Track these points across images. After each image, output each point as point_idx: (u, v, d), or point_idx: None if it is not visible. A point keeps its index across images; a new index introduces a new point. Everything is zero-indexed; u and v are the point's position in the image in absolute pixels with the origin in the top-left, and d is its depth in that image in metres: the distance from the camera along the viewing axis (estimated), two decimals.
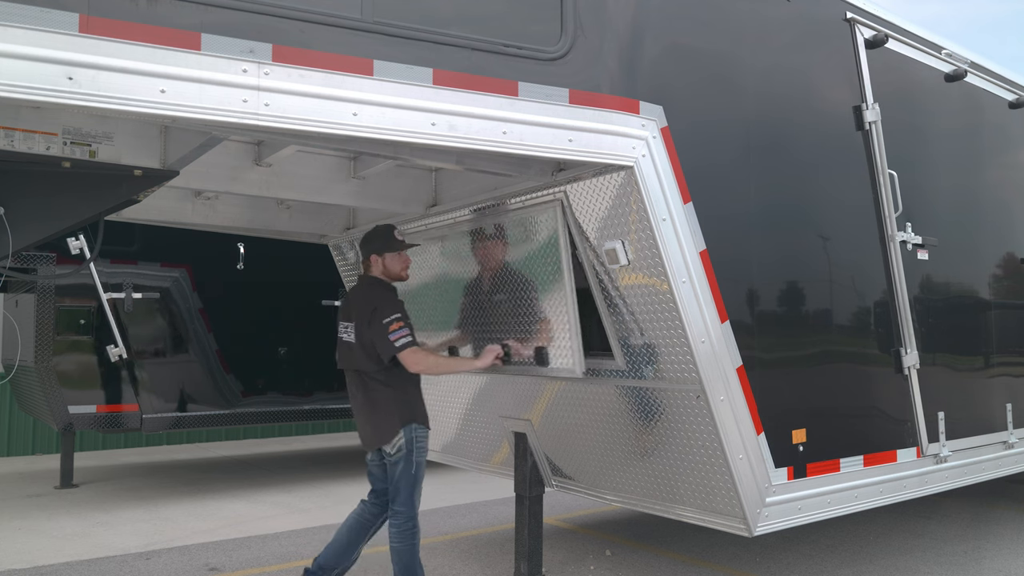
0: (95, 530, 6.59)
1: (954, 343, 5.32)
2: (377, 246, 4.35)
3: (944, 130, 5.40)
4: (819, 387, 4.37)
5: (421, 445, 4.21)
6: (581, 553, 5.77)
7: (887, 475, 4.60)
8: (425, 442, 4.24)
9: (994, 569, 5.36)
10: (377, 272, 4.36)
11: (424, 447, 4.23)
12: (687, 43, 3.89)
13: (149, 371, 7.95)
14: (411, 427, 4.18)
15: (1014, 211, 6.00)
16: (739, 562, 5.57)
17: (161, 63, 2.58)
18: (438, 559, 5.65)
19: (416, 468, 4.18)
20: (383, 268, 4.35)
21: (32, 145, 3.25)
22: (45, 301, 7.54)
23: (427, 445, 4.26)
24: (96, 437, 11.17)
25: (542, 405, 4.70)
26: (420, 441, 4.21)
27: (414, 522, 4.19)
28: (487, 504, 7.56)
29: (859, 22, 4.68)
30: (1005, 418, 5.60)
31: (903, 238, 4.82)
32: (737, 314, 3.89)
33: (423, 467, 4.22)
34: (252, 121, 2.73)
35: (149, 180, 3.60)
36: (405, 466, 4.16)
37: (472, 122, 3.15)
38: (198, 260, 8.24)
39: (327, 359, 9.23)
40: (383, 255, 4.34)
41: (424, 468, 4.23)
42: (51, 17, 2.43)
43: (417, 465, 4.18)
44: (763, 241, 4.10)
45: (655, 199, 3.59)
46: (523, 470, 4.89)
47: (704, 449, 3.86)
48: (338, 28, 2.92)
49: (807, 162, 4.39)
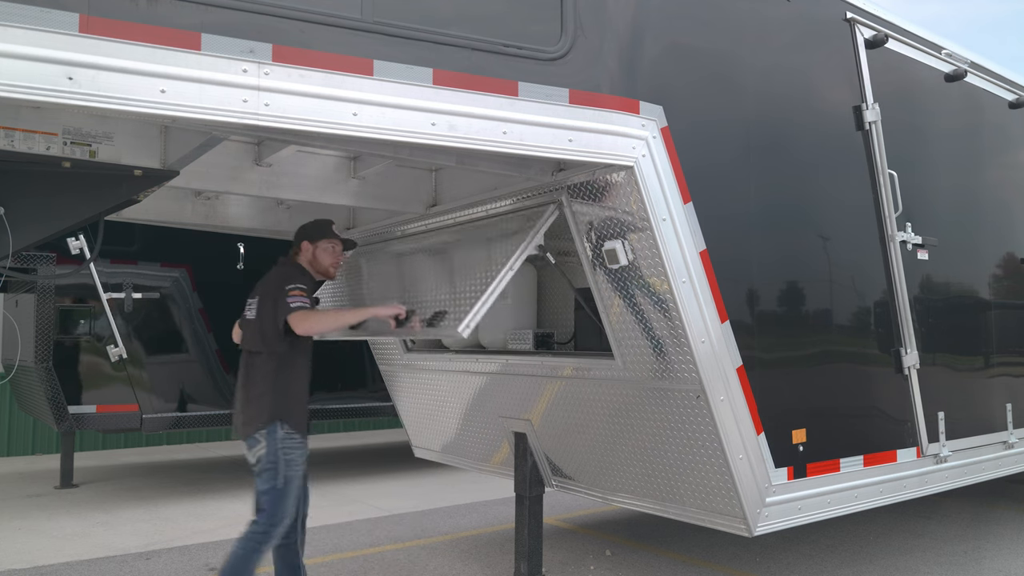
0: (95, 530, 6.59)
1: (954, 343, 5.32)
2: (312, 233, 4.15)
3: (944, 130, 5.40)
4: (819, 387, 4.37)
5: (290, 457, 3.77)
6: (581, 553, 5.77)
7: (887, 475, 4.60)
8: (296, 453, 3.79)
9: (994, 569, 5.36)
10: (304, 261, 4.11)
11: (295, 459, 3.79)
12: (687, 43, 3.89)
13: (149, 371, 7.95)
14: (276, 427, 3.76)
15: (1014, 211, 6.00)
16: (739, 562, 5.57)
17: (161, 63, 2.58)
18: (438, 559, 5.65)
19: (285, 479, 3.74)
20: (312, 257, 4.11)
21: (32, 145, 3.25)
22: (45, 301, 7.55)
23: (299, 457, 3.81)
24: (96, 437, 11.17)
25: (542, 405, 4.70)
26: (288, 452, 3.77)
27: (268, 536, 3.72)
28: (487, 504, 7.56)
29: (859, 22, 4.69)
30: (1005, 418, 5.60)
31: (903, 238, 4.82)
32: (737, 314, 3.89)
33: (294, 480, 3.78)
34: (252, 121, 2.73)
35: (149, 180, 3.60)
36: (270, 478, 3.74)
37: (472, 122, 3.15)
38: (198, 260, 8.24)
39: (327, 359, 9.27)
40: (316, 243, 4.12)
41: (296, 482, 3.79)
42: (51, 17, 2.43)
43: (286, 479, 3.75)
44: (763, 241, 4.10)
45: (655, 199, 3.59)
46: (523, 470, 4.89)
47: (704, 449, 3.86)
48: (338, 28, 2.92)
49: (807, 162, 4.39)
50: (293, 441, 3.80)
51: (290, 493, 3.77)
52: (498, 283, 3.74)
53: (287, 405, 3.84)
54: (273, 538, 3.75)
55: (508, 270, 3.78)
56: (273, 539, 3.75)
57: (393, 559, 5.62)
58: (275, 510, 3.73)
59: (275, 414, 3.80)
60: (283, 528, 3.77)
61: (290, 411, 3.84)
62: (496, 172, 3.78)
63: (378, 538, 6.27)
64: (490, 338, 5.06)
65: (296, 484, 3.80)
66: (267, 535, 3.72)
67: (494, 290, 3.74)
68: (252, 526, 3.75)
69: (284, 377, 3.87)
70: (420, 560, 5.63)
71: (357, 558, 5.64)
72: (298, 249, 4.18)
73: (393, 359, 5.97)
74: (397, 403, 6.30)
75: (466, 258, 4.22)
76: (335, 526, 6.61)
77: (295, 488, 3.80)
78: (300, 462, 3.83)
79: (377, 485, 8.60)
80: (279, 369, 3.86)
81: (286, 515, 3.77)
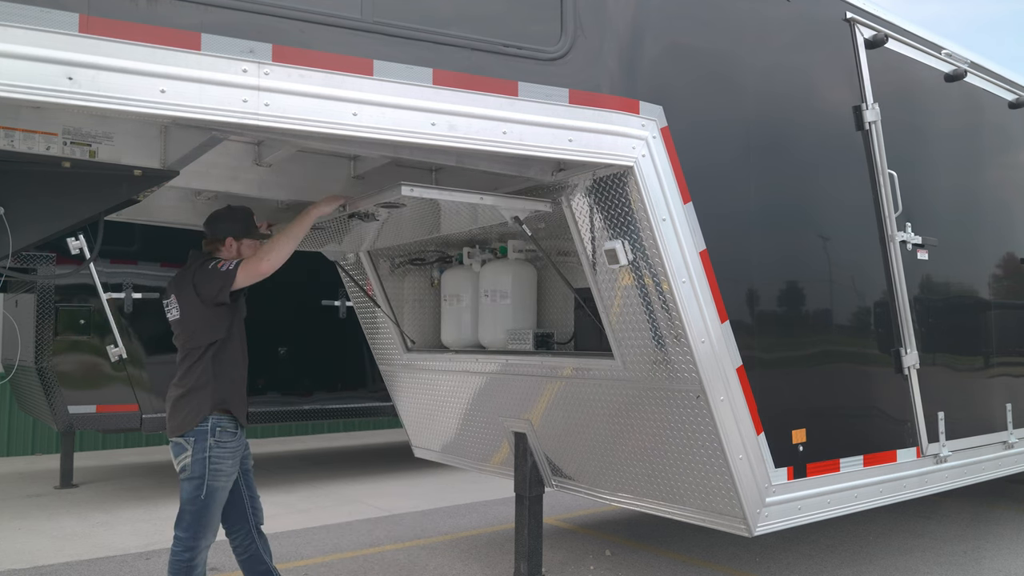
0: (95, 530, 6.59)
1: (954, 343, 5.32)
2: (235, 229, 3.85)
3: (944, 130, 5.40)
4: (819, 387, 4.37)
5: (217, 467, 3.57)
6: (581, 553, 5.77)
7: (887, 475, 4.60)
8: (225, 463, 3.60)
9: (994, 569, 5.36)
10: (227, 256, 3.81)
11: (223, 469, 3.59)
12: (687, 43, 3.90)
13: (149, 371, 7.94)
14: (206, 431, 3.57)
15: (1014, 211, 6.00)
16: (739, 562, 5.57)
17: (161, 63, 2.58)
18: (438, 559, 5.65)
19: (207, 489, 3.54)
20: (236, 254, 3.84)
21: (32, 145, 3.25)
22: (45, 301, 7.54)
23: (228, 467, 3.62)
24: (96, 437, 11.17)
25: (542, 405, 4.70)
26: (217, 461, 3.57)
27: (195, 551, 3.54)
28: (487, 504, 7.56)
29: (859, 22, 4.69)
30: (1005, 418, 5.60)
31: (903, 238, 4.82)
32: (737, 314, 3.89)
33: (219, 491, 3.59)
34: (252, 121, 2.73)
35: (149, 180, 3.59)
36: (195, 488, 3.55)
37: (472, 122, 3.15)
38: None
39: (327, 359, 9.28)
40: (240, 241, 3.87)
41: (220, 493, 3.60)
42: (51, 17, 2.43)
43: (209, 490, 3.54)
44: (763, 241, 4.10)
45: (655, 199, 3.59)
46: (523, 470, 4.89)
47: (704, 449, 3.86)
48: (338, 28, 2.92)
49: (807, 162, 4.39)
50: (223, 449, 3.60)
51: (211, 504, 3.58)
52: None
53: (227, 394, 3.66)
54: (200, 551, 3.57)
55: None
56: (200, 551, 3.58)
57: (393, 559, 5.62)
58: (197, 521, 3.57)
59: (215, 404, 3.61)
60: (209, 540, 3.60)
61: (229, 400, 3.66)
62: (496, 172, 3.78)
63: (378, 538, 6.27)
64: (490, 338, 5.06)
65: (220, 495, 3.61)
66: (194, 549, 3.56)
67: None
68: (175, 541, 3.58)
69: (221, 365, 3.68)
70: (420, 560, 5.63)
71: (357, 558, 5.64)
72: (218, 244, 3.87)
73: (393, 359, 5.97)
74: (397, 403, 6.30)
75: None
76: (335, 526, 6.61)
77: (219, 499, 3.62)
78: (229, 471, 3.64)
79: (377, 485, 8.59)
80: (215, 358, 3.67)
81: (209, 526, 3.60)
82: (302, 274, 8.38)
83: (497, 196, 3.93)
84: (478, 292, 5.12)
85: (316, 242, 5.22)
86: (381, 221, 4.49)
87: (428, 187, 3.73)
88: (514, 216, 4.01)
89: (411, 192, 3.62)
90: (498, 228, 4.70)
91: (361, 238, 5.13)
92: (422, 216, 4.43)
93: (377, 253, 5.61)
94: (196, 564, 3.57)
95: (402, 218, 4.45)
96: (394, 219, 4.48)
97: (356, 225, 4.66)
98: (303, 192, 4.67)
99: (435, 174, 4.89)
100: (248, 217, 3.96)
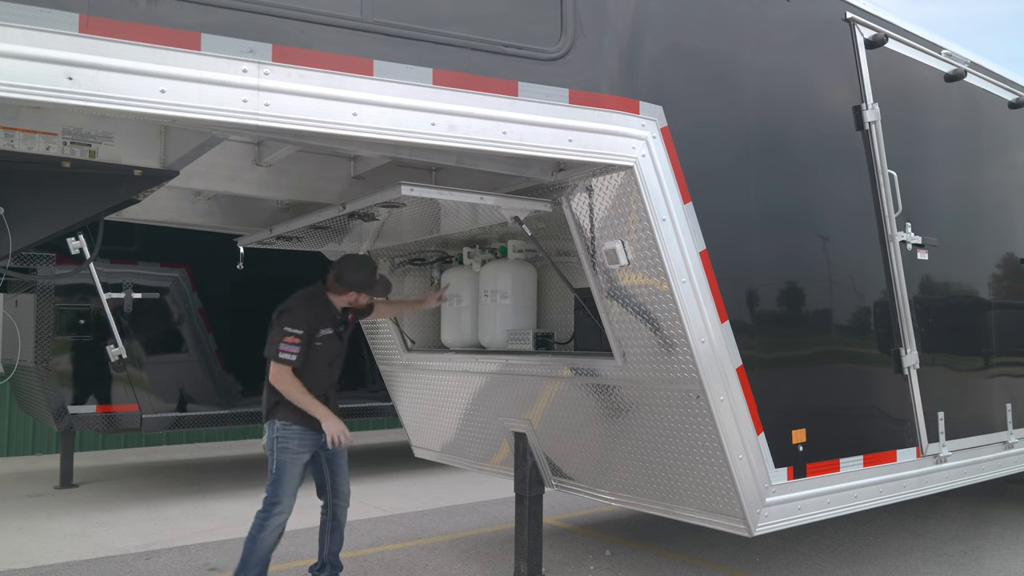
0: (95, 530, 6.59)
1: (954, 343, 5.32)
2: (358, 284, 4.38)
3: (944, 130, 5.40)
4: (819, 387, 4.37)
5: (284, 445, 4.24)
6: (581, 553, 5.77)
7: (887, 475, 4.60)
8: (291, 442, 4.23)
9: (994, 569, 5.36)
10: (339, 298, 4.41)
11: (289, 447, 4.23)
12: (687, 43, 3.89)
13: (149, 371, 7.95)
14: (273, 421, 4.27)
15: (1014, 211, 6.00)
16: (739, 562, 5.57)
17: (161, 63, 2.58)
18: (438, 559, 5.65)
19: (278, 464, 4.22)
20: (353, 300, 4.43)
21: (32, 145, 3.25)
22: (45, 301, 7.54)
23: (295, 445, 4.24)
24: (96, 437, 11.16)
25: (542, 405, 4.70)
26: (283, 441, 4.24)
27: (269, 513, 4.17)
28: (487, 504, 7.56)
29: (859, 22, 4.68)
30: (1005, 418, 5.60)
31: (903, 238, 4.82)
32: (737, 314, 3.89)
33: (289, 465, 4.23)
34: (252, 121, 2.73)
35: (149, 180, 3.60)
36: (269, 463, 4.28)
37: (472, 122, 3.15)
38: (198, 260, 8.23)
39: None
40: (360, 294, 4.43)
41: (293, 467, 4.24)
42: (51, 17, 2.43)
43: (279, 464, 4.21)
44: (763, 241, 4.10)
45: (655, 199, 3.59)
46: (523, 470, 4.89)
47: (704, 449, 3.86)
48: (338, 28, 2.92)
49: (807, 162, 4.39)
50: (288, 431, 4.23)
51: (282, 476, 4.20)
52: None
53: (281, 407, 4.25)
54: (272, 516, 4.16)
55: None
56: (273, 516, 4.16)
57: (393, 559, 5.62)
58: (271, 490, 4.20)
59: (271, 413, 4.29)
60: (283, 507, 4.19)
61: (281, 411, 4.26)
62: (496, 172, 3.78)
63: (378, 538, 6.27)
64: (490, 338, 5.06)
65: (289, 469, 4.22)
66: (267, 512, 4.17)
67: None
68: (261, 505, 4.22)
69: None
70: (420, 560, 5.63)
71: (357, 558, 5.64)
72: (340, 288, 4.39)
73: (393, 359, 5.97)
74: (397, 403, 6.30)
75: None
76: None
77: (288, 472, 4.22)
78: (295, 449, 4.24)
79: (377, 485, 8.59)
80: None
81: (280, 494, 4.19)
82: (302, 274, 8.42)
83: (497, 196, 3.93)
84: (478, 292, 5.12)
85: (316, 242, 5.22)
86: (381, 221, 4.50)
87: (428, 187, 3.74)
88: (514, 216, 4.01)
89: (411, 192, 3.64)
90: (498, 228, 4.70)
91: (361, 238, 5.14)
92: (422, 216, 4.44)
93: (377, 253, 5.61)
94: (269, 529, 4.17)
95: (402, 218, 4.46)
96: (394, 219, 4.49)
97: (356, 225, 4.66)
98: (303, 192, 4.68)
99: (435, 174, 4.89)
100: (370, 275, 4.44)
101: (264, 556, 4.18)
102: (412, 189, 3.63)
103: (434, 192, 3.76)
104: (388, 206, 3.98)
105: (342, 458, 4.57)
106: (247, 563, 4.16)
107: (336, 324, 4.42)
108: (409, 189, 3.62)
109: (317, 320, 4.30)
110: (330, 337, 4.36)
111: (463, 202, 3.88)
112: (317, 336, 4.28)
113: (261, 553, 4.17)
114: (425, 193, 3.70)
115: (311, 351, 4.26)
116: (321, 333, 4.29)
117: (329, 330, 4.35)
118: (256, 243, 5.19)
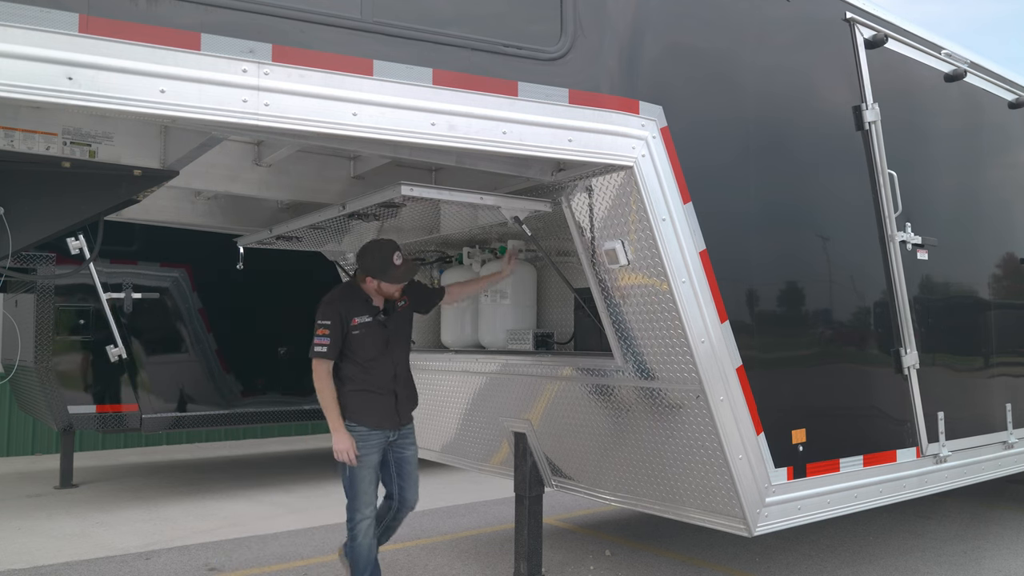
0: (95, 530, 6.59)
1: (954, 343, 5.32)
2: (373, 270, 4.19)
3: (944, 130, 5.39)
4: (819, 387, 4.37)
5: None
6: (581, 553, 5.77)
7: (887, 475, 4.59)
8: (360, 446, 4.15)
9: (994, 569, 5.36)
10: (370, 288, 4.25)
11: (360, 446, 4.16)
12: (687, 43, 3.89)
13: (149, 371, 7.95)
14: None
15: (1014, 211, 6.00)
16: (739, 562, 5.57)
17: (161, 63, 2.58)
18: (438, 559, 5.65)
19: (348, 471, 4.16)
20: (378, 288, 4.24)
21: (32, 145, 3.26)
22: (45, 301, 7.55)
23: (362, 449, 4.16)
24: (96, 437, 11.16)
25: (542, 405, 4.70)
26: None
27: (354, 523, 4.17)
28: (487, 504, 7.56)
29: (859, 22, 4.68)
30: (1005, 418, 5.60)
31: (903, 238, 4.81)
32: (737, 314, 3.88)
33: (358, 471, 4.16)
34: (252, 121, 2.73)
35: (149, 180, 3.60)
36: (342, 468, 4.22)
37: (472, 122, 3.15)
38: (198, 260, 8.23)
39: None
40: (379, 281, 4.23)
41: (361, 471, 4.17)
42: (51, 17, 2.43)
43: (349, 470, 4.16)
44: (763, 241, 4.10)
45: (655, 199, 3.59)
46: (523, 470, 4.89)
47: (704, 449, 3.86)
48: (338, 28, 2.92)
49: (807, 162, 4.39)
50: (356, 434, 4.17)
51: (356, 481, 4.17)
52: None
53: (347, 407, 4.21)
54: (357, 524, 4.18)
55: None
56: (357, 525, 4.17)
57: (393, 559, 5.62)
58: (348, 503, 4.21)
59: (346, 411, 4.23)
60: (367, 510, 4.18)
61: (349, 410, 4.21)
62: (496, 172, 3.78)
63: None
64: (490, 338, 5.06)
65: (358, 474, 4.17)
66: (352, 523, 4.19)
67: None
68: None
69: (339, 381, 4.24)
70: (420, 560, 5.63)
71: None
72: (364, 278, 4.27)
73: None
74: None
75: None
76: (335, 526, 6.60)
77: (358, 478, 4.17)
78: (364, 453, 4.17)
79: None
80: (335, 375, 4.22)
81: (359, 499, 4.18)
82: (302, 274, 8.44)
83: (497, 196, 3.93)
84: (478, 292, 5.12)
85: (316, 242, 5.22)
86: (381, 221, 4.49)
87: (428, 187, 3.74)
88: (514, 216, 4.01)
89: (411, 192, 3.64)
90: (498, 228, 4.70)
91: (361, 238, 5.14)
92: (422, 216, 4.44)
93: None
94: (362, 533, 4.18)
95: (402, 218, 4.46)
96: (394, 219, 4.49)
97: (356, 225, 4.67)
98: (303, 192, 4.68)
99: (435, 174, 4.90)
100: (387, 259, 4.16)
101: (369, 558, 4.24)
102: (412, 189, 3.63)
103: (434, 192, 3.76)
104: (388, 206, 3.98)
105: (411, 464, 4.45)
106: (358, 567, 4.23)
107: (374, 311, 4.24)
108: (409, 189, 3.62)
109: (347, 310, 4.17)
110: (369, 325, 4.21)
111: (463, 202, 3.88)
112: (352, 324, 4.16)
113: (366, 557, 4.22)
114: (425, 193, 3.70)
115: (352, 342, 4.16)
116: (357, 321, 4.16)
117: (366, 318, 4.20)
118: (256, 243, 5.19)
